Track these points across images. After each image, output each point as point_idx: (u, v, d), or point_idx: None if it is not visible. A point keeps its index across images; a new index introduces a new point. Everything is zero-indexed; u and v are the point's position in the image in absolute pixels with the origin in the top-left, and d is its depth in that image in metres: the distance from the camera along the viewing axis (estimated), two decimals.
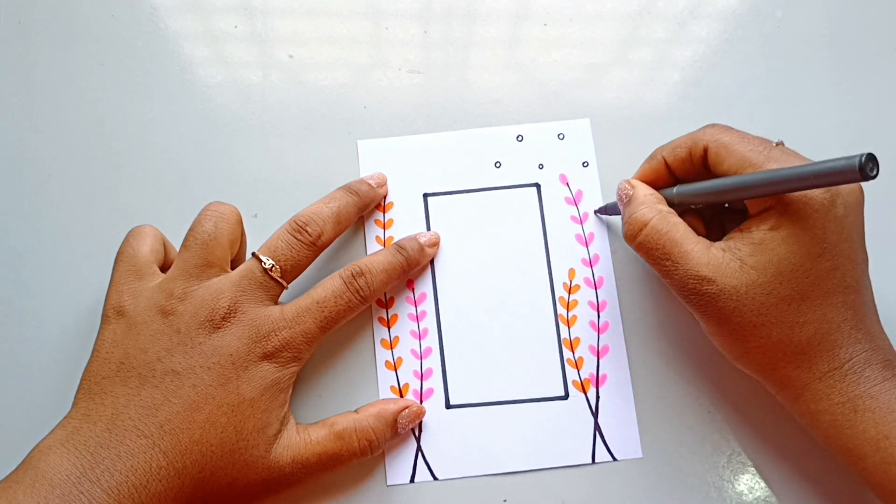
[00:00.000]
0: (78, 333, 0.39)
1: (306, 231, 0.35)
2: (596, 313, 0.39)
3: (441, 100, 0.42)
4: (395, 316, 0.39)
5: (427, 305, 0.39)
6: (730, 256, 0.32)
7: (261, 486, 0.33)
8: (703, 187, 0.34)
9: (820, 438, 0.33)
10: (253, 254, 0.35)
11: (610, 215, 0.40)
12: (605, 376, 0.38)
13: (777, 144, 0.33)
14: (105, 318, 0.34)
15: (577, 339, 0.39)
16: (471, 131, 0.41)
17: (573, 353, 0.38)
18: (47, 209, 0.40)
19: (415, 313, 0.39)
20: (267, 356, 0.33)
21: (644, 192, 0.35)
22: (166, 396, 0.31)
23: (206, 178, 0.41)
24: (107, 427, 0.31)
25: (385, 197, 0.40)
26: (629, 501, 0.37)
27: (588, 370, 0.38)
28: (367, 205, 0.39)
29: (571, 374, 0.38)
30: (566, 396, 0.38)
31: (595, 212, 0.40)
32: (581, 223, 0.40)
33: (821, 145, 0.41)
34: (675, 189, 0.35)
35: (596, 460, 0.37)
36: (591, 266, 0.40)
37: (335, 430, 0.34)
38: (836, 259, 0.31)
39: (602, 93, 0.43)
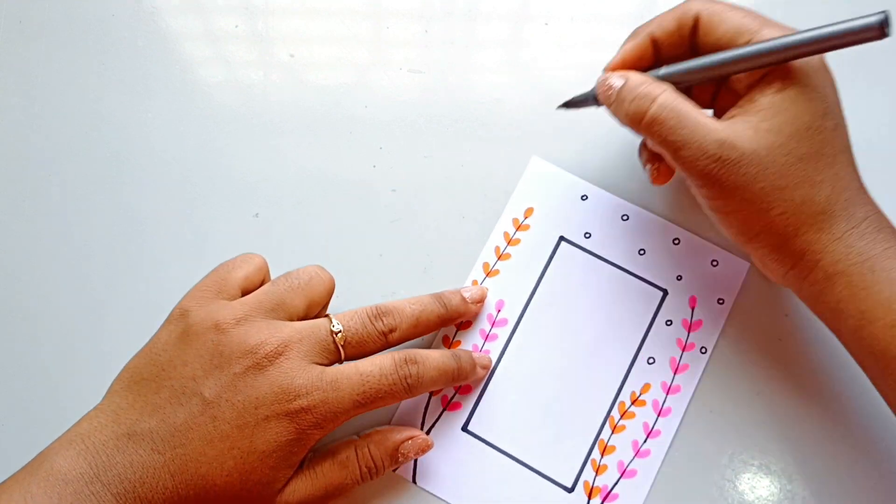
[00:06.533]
0: (76, 332, 0.39)
1: (382, 320, 0.34)
2: (644, 436, 0.37)
3: (442, 99, 0.42)
4: (469, 323, 0.39)
5: (502, 331, 0.38)
6: (741, 125, 0.31)
7: None
8: (710, 61, 0.32)
9: (831, 304, 0.32)
10: (326, 314, 0.34)
11: (578, 108, 0.37)
12: (616, 496, 0.36)
13: None
14: (169, 316, 0.34)
15: (613, 447, 0.37)
16: (640, 210, 0.40)
17: (601, 456, 0.37)
18: (47, 209, 0.40)
19: (487, 331, 0.38)
20: (290, 414, 0.32)
21: (638, 76, 0.33)
22: (187, 421, 0.31)
23: (206, 178, 0.41)
24: (127, 432, 0.31)
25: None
26: None
27: (605, 480, 0.36)
28: (454, 318, 0.37)
29: (588, 474, 0.36)
30: (571, 490, 0.36)
31: (559, 106, 0.38)
32: (682, 350, 0.38)
33: None
34: (661, 70, 0.34)
35: None
36: (668, 393, 0.38)
37: (338, 458, 0.34)
38: (837, 118, 0.32)
39: None
